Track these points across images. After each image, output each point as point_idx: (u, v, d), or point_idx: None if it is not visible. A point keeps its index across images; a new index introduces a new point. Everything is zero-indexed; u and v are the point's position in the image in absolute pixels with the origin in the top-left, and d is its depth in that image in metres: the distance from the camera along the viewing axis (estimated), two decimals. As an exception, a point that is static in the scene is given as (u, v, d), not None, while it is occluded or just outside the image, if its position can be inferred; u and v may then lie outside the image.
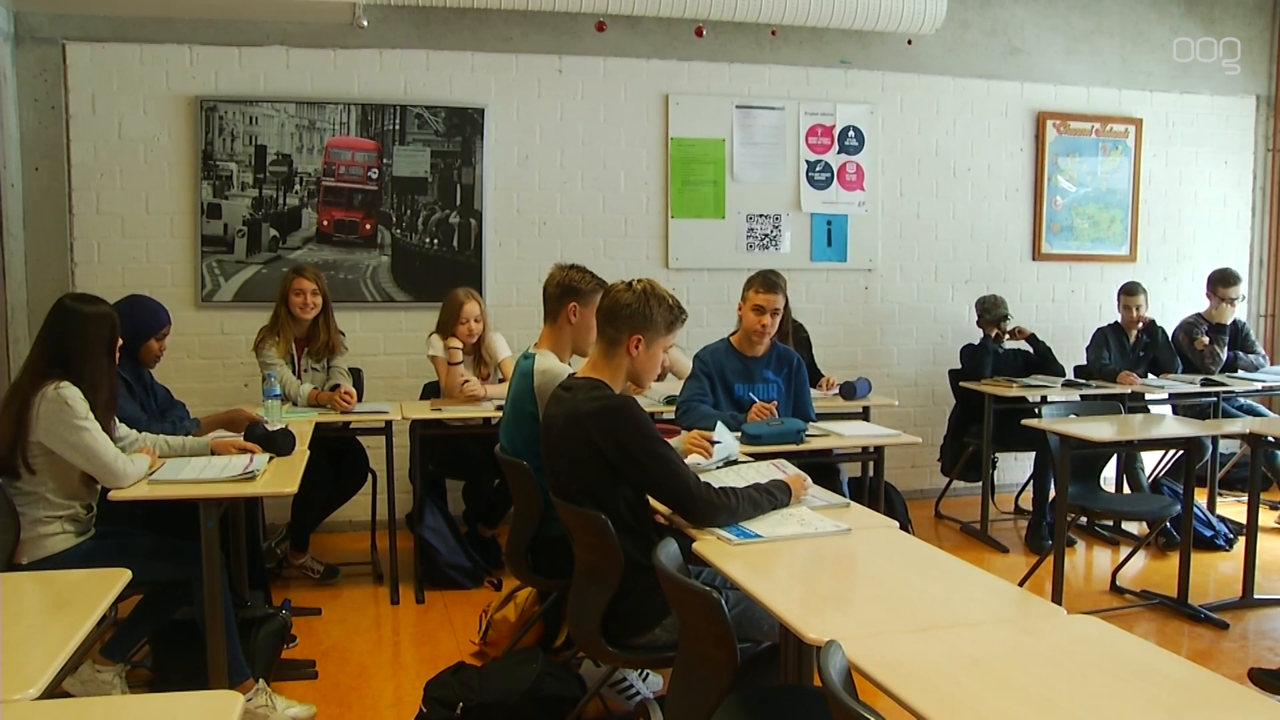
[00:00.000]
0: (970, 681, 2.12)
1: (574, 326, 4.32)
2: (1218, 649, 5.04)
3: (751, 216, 7.40)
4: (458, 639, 4.95)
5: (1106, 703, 2.04)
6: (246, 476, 3.81)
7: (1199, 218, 8.57)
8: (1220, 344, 7.38)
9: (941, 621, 2.49)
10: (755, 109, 7.37)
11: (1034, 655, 2.28)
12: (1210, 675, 2.18)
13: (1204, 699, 2.08)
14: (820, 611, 2.54)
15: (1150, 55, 8.32)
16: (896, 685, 2.06)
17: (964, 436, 7.07)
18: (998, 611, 2.58)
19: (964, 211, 7.90)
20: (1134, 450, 6.63)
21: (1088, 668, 2.22)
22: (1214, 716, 2.02)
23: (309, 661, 4.63)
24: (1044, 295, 8.09)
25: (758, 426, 4.63)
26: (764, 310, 5.10)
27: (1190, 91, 8.46)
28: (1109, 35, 8.20)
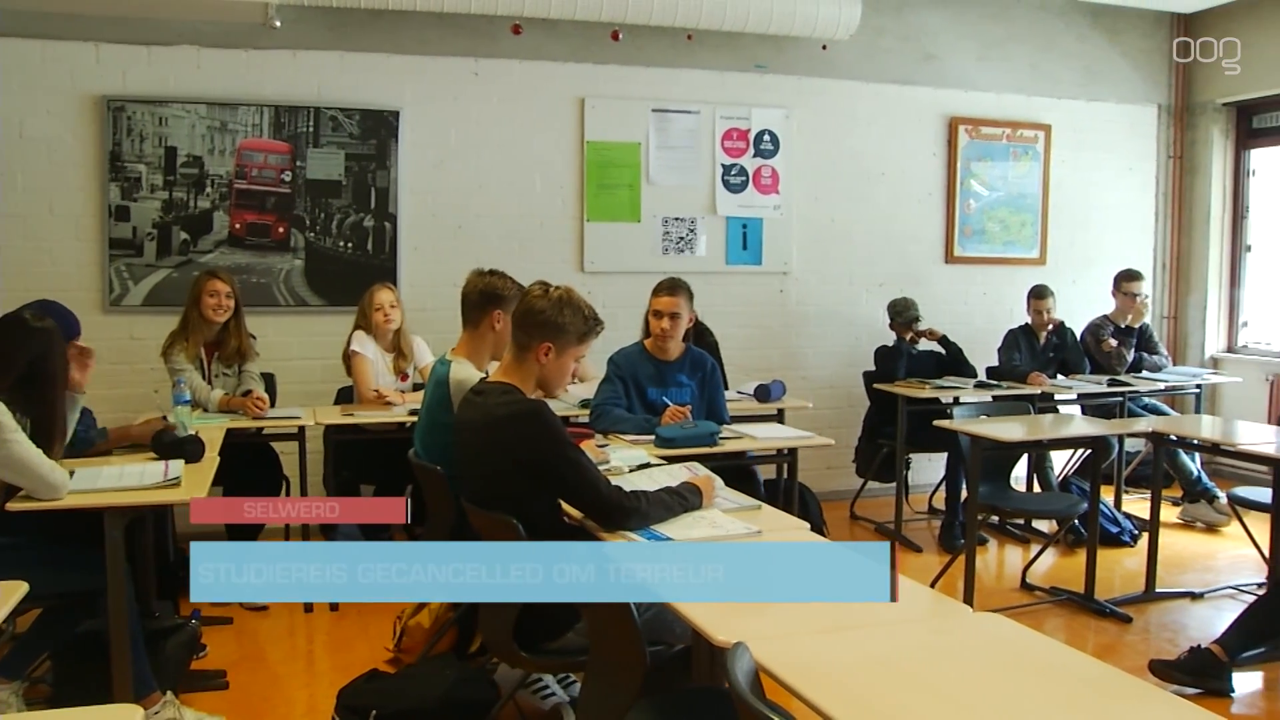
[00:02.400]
0: (877, 681, 2.16)
1: (496, 334, 4.32)
2: (1121, 642, 5.17)
3: (667, 220, 7.43)
4: (372, 646, 4.90)
5: (1010, 698, 2.10)
6: (170, 483, 3.74)
7: (1106, 222, 8.76)
8: (1126, 345, 7.55)
9: (851, 622, 2.52)
10: (671, 113, 7.40)
11: (940, 653, 2.33)
12: (1109, 669, 2.26)
13: (1103, 692, 2.15)
14: (730, 613, 2.56)
15: (1059, 63, 8.48)
16: (803, 686, 2.09)
17: (878, 438, 7.14)
18: (906, 611, 2.61)
19: (878, 215, 8.00)
20: (1043, 450, 6.75)
21: (993, 665, 2.27)
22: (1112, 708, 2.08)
23: (219, 672, 4.56)
24: (956, 298, 8.21)
25: (671, 429, 4.65)
26: (662, 314, 5.14)
27: (1097, 99, 8.65)
28: (1019, 43, 8.35)
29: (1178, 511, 7.38)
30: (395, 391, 5.82)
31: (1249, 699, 4.62)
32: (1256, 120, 8.79)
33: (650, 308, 5.25)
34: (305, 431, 5.57)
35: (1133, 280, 7.58)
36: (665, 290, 5.18)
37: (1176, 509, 7.40)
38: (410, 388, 5.98)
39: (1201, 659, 4.54)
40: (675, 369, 5.22)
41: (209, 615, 5.17)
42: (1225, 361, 8.81)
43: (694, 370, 5.25)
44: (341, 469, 5.67)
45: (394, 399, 5.71)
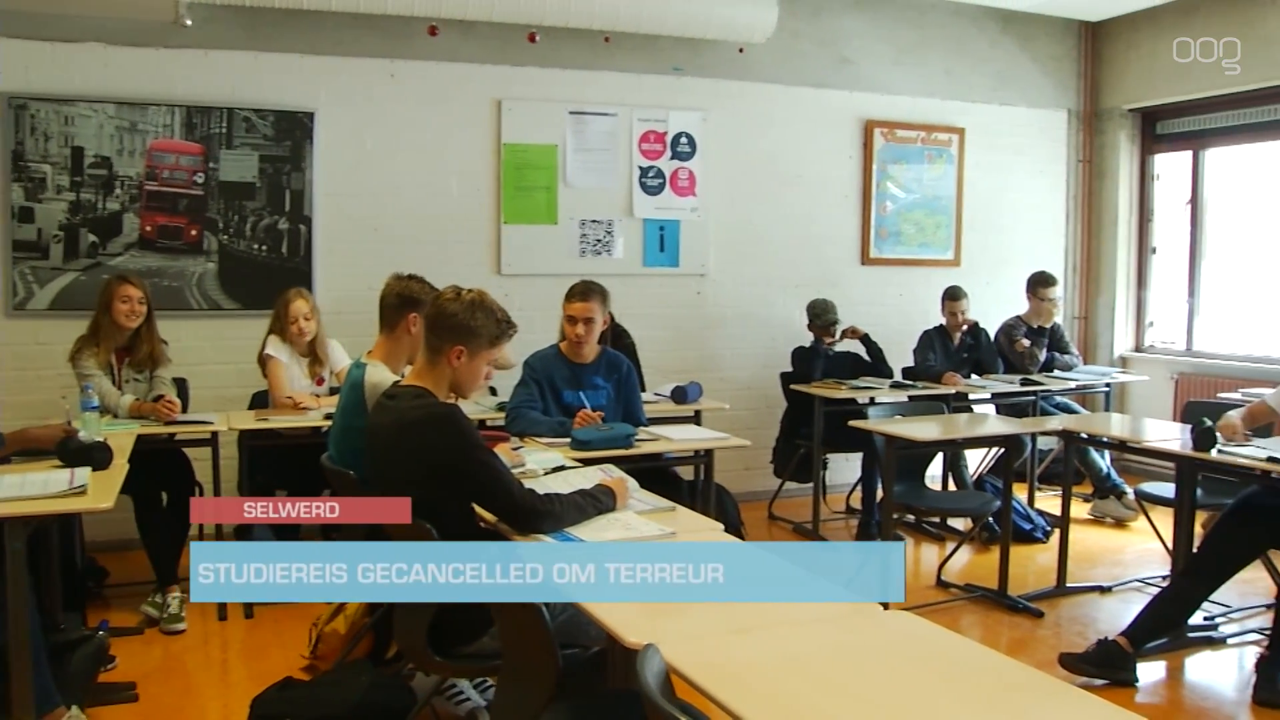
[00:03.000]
0: (788, 680, 2.18)
1: (412, 337, 4.29)
2: (1033, 636, 5.26)
3: (584, 222, 7.43)
4: (288, 654, 4.83)
5: (920, 695, 2.13)
6: (75, 491, 3.66)
7: (1018, 224, 8.91)
8: (1039, 345, 7.68)
9: (764, 622, 2.53)
10: (588, 115, 7.40)
11: (851, 651, 2.36)
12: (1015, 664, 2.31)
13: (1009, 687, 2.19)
14: (643, 615, 2.57)
15: (972, 68, 8.62)
16: (714, 686, 2.10)
17: (795, 438, 7.20)
18: (819, 610, 2.63)
19: (795, 217, 8.06)
20: (957, 449, 6.85)
21: (903, 663, 2.30)
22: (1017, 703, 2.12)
23: (129, 684, 4.46)
24: (872, 299, 8.29)
25: (587, 432, 4.65)
26: (576, 320, 5.13)
27: (1009, 104, 8.80)
28: (934, 48, 8.47)
29: (1088, 508, 7.53)
30: (310, 396, 5.76)
31: (1153, 688, 4.74)
32: (1160, 126, 9.01)
33: (566, 311, 5.24)
34: (219, 437, 5.47)
35: (1047, 285, 7.72)
36: (578, 296, 5.17)
37: (1087, 505, 7.55)
38: (327, 391, 5.91)
39: (1108, 651, 4.64)
40: (591, 371, 5.21)
41: (118, 626, 5.07)
42: (1133, 361, 9.01)
43: (610, 372, 5.25)
44: (256, 474, 5.58)
45: (309, 403, 5.65)
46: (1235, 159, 8.64)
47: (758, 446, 7.29)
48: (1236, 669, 4.92)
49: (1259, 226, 8.48)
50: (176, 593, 5.26)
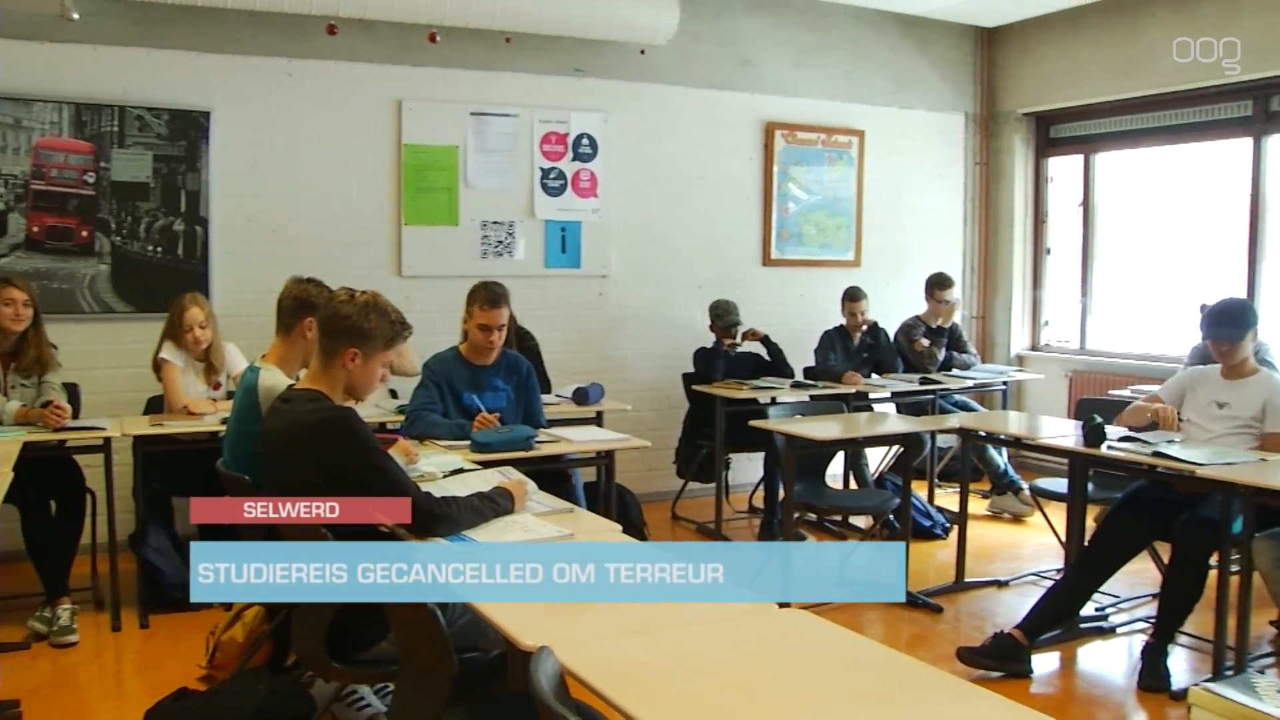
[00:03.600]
0: (684, 680, 2.19)
1: (308, 341, 4.24)
2: (933, 632, 5.35)
3: (486, 223, 7.39)
4: (184, 664, 4.72)
5: (814, 693, 2.16)
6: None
7: (917, 226, 9.05)
8: (938, 345, 7.80)
9: (659, 622, 2.54)
10: (489, 116, 7.36)
11: (747, 650, 2.37)
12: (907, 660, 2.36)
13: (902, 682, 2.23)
14: (540, 617, 2.56)
15: (872, 71, 8.73)
16: (609, 688, 2.10)
17: (698, 439, 7.23)
18: (715, 610, 2.64)
19: (696, 218, 8.09)
20: (857, 447, 6.93)
21: (798, 660, 2.32)
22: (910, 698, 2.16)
23: (12, 703, 4.28)
24: (774, 299, 8.35)
25: (487, 434, 4.63)
26: (490, 329, 5.11)
27: (908, 107, 8.93)
28: (834, 51, 8.56)
29: (987, 504, 7.67)
30: (206, 401, 5.65)
31: (1047, 678, 4.85)
32: (1054, 130, 9.21)
33: (474, 320, 5.19)
34: (111, 443, 5.34)
35: (944, 287, 7.84)
36: (491, 304, 5.12)
37: (986, 501, 7.69)
38: (224, 395, 5.80)
39: (1003, 644, 4.74)
40: (491, 373, 5.20)
41: (2, 642, 4.93)
42: (1029, 359, 9.19)
43: (510, 374, 5.24)
44: (151, 481, 5.48)
45: (204, 408, 5.55)
46: (1124, 163, 8.87)
47: (660, 447, 7.33)
48: (1126, 657, 5.07)
49: (1147, 228, 8.73)
50: (67, 604, 5.14)
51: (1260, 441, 4.83)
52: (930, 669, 2.32)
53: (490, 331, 5.10)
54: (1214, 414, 4.96)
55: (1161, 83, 7.98)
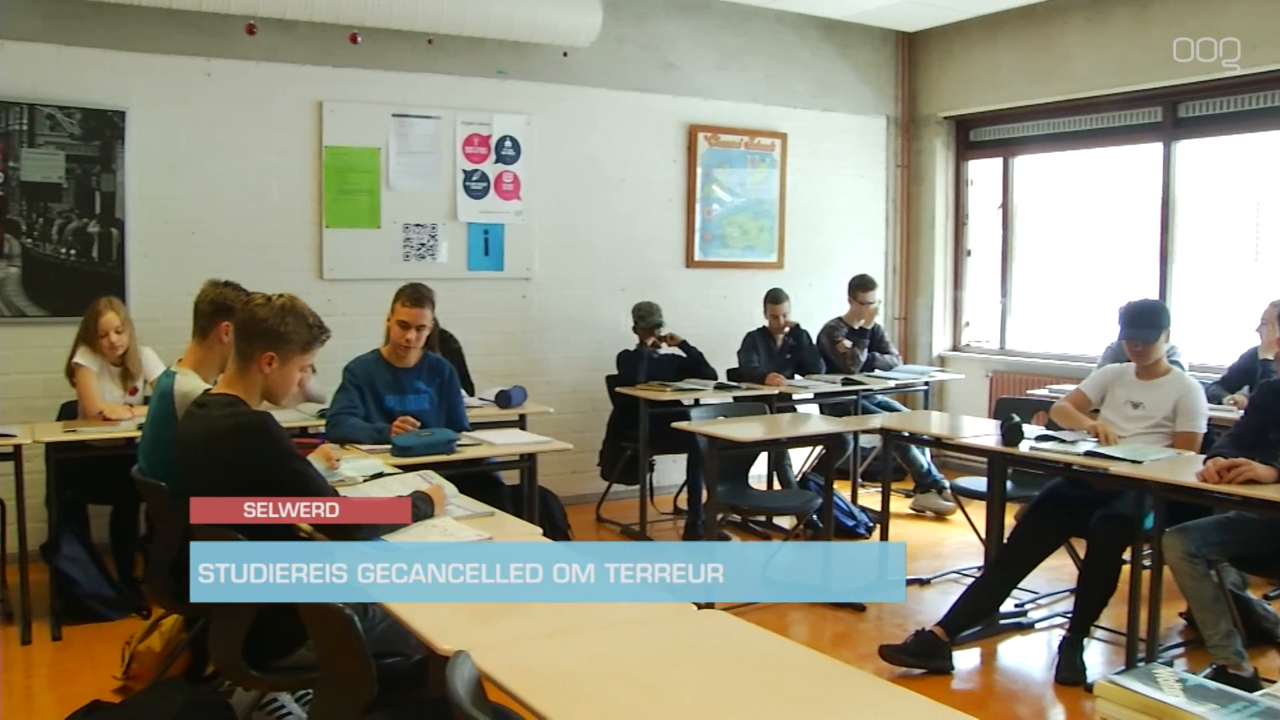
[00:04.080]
0: (601, 683, 2.19)
1: (225, 345, 4.18)
2: (855, 630, 5.40)
3: (408, 226, 7.32)
4: (99, 676, 4.62)
5: (732, 694, 2.16)
6: None
7: (839, 228, 9.12)
8: (860, 346, 7.87)
9: (578, 625, 2.55)
10: (411, 118, 7.31)
11: (666, 653, 2.38)
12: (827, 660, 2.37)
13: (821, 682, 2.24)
14: (458, 622, 2.55)
15: (794, 74, 8.79)
16: (526, 692, 2.10)
17: (621, 441, 7.23)
18: (633, 612, 2.64)
19: (620, 221, 8.10)
20: (780, 448, 6.98)
21: (716, 661, 2.33)
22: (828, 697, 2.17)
23: (-84, 721, 4.23)
24: (697, 301, 8.38)
25: (408, 438, 4.60)
26: (409, 326, 5.08)
27: (830, 110, 9.00)
28: (757, 54, 8.60)
29: (909, 503, 7.75)
30: (123, 406, 5.56)
31: (968, 674, 4.92)
32: (974, 134, 9.35)
33: (395, 316, 5.17)
34: (23, 450, 5.23)
35: (866, 288, 7.92)
36: (413, 302, 5.11)
37: (909, 500, 7.77)
38: (141, 401, 5.71)
39: (925, 641, 4.80)
40: (413, 376, 5.17)
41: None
42: (951, 360, 9.31)
43: (432, 377, 5.22)
44: (65, 489, 5.37)
45: (120, 414, 5.45)
46: (1042, 166, 9.04)
47: (584, 449, 7.34)
48: (1045, 651, 5.14)
49: (1064, 230, 8.90)
50: (-24, 617, 5.03)
51: (1172, 440, 4.93)
52: (847, 668, 2.34)
53: (409, 329, 5.08)
54: (1129, 414, 5.06)
55: (1077, 88, 8.14)
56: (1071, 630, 4.81)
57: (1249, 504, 4.14)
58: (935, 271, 9.40)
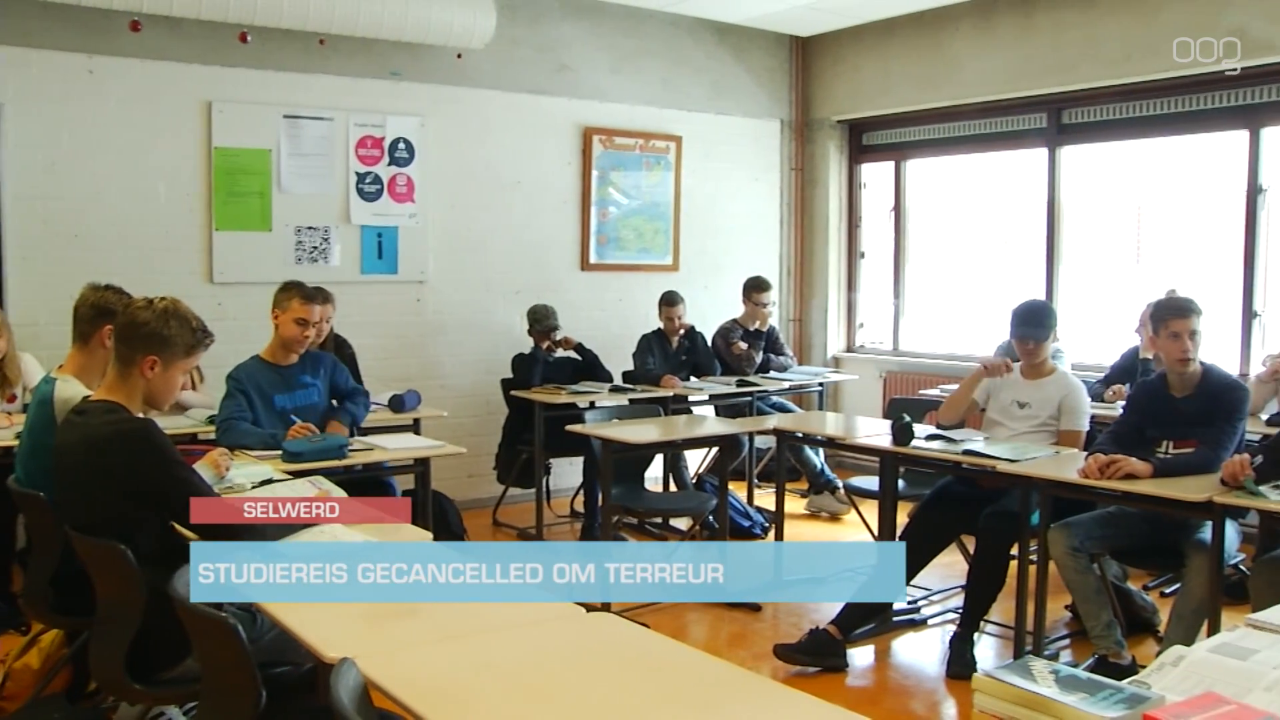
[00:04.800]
0: (489, 688, 2.18)
1: (108, 351, 4.08)
2: (751, 630, 5.45)
3: (300, 229, 7.21)
4: (-27, 694, 4.50)
5: (617, 696, 2.17)
6: None
7: (734, 230, 9.19)
8: (755, 348, 7.93)
9: (465, 630, 2.53)
10: (303, 119, 7.20)
11: (550, 655, 2.37)
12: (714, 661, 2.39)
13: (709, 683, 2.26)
14: (345, 628, 2.52)
15: (689, 78, 8.83)
16: (411, 698, 2.09)
17: (517, 444, 7.20)
18: (522, 615, 2.63)
19: (515, 224, 8.05)
20: (675, 450, 7.01)
21: (602, 663, 2.33)
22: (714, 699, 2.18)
23: None
24: (593, 304, 8.38)
25: (299, 443, 4.54)
26: (308, 323, 5.03)
27: (724, 113, 9.06)
28: (651, 57, 8.63)
29: (805, 503, 7.83)
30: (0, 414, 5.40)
31: (862, 671, 5.01)
32: (866, 138, 9.48)
33: (291, 314, 5.09)
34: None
35: (761, 290, 7.97)
36: (320, 300, 5.09)
37: (804, 501, 7.85)
38: (20, 409, 5.54)
39: (819, 640, 4.87)
40: (298, 372, 5.15)
41: None
42: (845, 361, 9.43)
43: (315, 368, 5.20)
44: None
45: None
46: (933, 169, 9.20)
47: (480, 453, 7.30)
48: (937, 647, 5.22)
49: (955, 233, 9.08)
50: None
51: (1057, 438, 5.06)
52: (735, 669, 2.36)
53: (307, 326, 5.04)
54: (1015, 413, 5.18)
55: (966, 94, 8.31)
56: (962, 625, 4.92)
57: (1128, 499, 4.27)
58: (829, 273, 9.51)
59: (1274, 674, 2.11)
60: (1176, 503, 4.07)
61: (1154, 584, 5.79)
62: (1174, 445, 4.48)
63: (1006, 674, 1.99)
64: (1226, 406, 4.44)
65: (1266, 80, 6.89)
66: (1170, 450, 4.48)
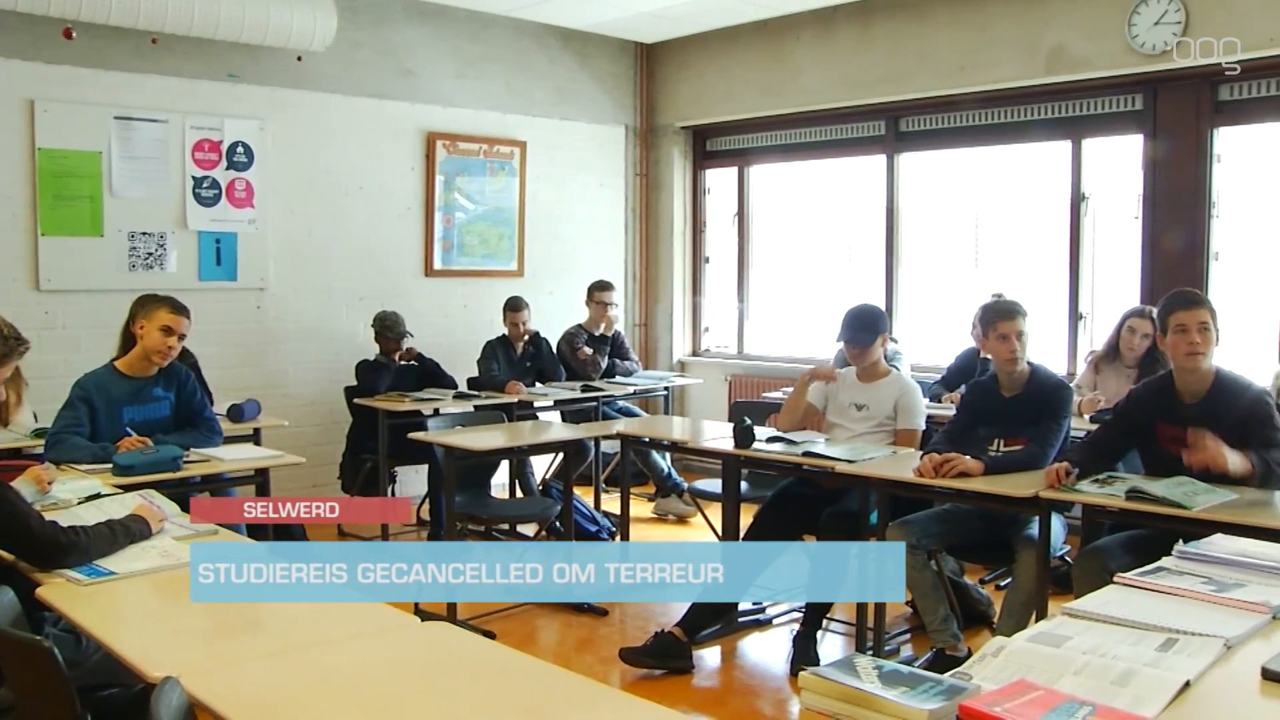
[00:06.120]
0: (316, 702, 2.15)
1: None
2: (597, 635, 5.47)
3: (134, 234, 6.98)
4: None
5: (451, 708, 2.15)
6: None
7: (579, 236, 9.21)
8: (600, 352, 7.96)
9: (296, 644, 2.49)
10: (136, 120, 6.97)
11: (384, 666, 2.34)
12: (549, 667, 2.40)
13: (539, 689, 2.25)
14: (171, 645, 2.46)
15: (533, 83, 8.81)
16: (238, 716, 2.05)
17: (362, 453, 7.12)
18: (354, 626, 2.60)
19: (357, 229, 7.93)
20: (520, 456, 6.97)
21: (436, 674, 2.31)
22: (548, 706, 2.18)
23: None
24: (437, 311, 8.31)
25: (131, 456, 4.39)
26: (173, 332, 4.87)
27: (569, 119, 9.07)
28: (496, 62, 8.59)
29: (652, 507, 7.88)
30: None
31: (708, 672, 5.06)
32: (710, 144, 9.59)
33: (157, 323, 4.88)
34: None
35: (604, 290, 8.02)
36: (176, 310, 4.89)
37: (651, 505, 7.90)
38: None
39: (664, 643, 4.90)
40: (151, 384, 4.96)
41: None
42: (691, 365, 9.53)
43: (169, 382, 5.02)
44: None
45: None
46: (776, 175, 9.37)
47: (324, 462, 7.20)
48: (783, 646, 5.29)
49: (797, 238, 9.27)
50: None
51: (895, 438, 5.18)
52: (574, 676, 2.35)
53: (173, 335, 4.87)
54: (853, 415, 5.30)
55: (807, 101, 8.47)
56: (805, 624, 5.01)
57: (962, 496, 4.40)
58: (674, 278, 9.60)
59: (1083, 659, 2.21)
60: (1006, 499, 4.21)
61: (989, 578, 5.96)
62: (1004, 443, 4.64)
63: (831, 671, 2.04)
64: (1053, 405, 4.61)
65: (1085, 94, 7.21)
66: (1001, 448, 4.63)
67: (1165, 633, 2.38)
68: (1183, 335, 4.01)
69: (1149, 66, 6.70)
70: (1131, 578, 2.79)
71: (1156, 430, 4.18)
